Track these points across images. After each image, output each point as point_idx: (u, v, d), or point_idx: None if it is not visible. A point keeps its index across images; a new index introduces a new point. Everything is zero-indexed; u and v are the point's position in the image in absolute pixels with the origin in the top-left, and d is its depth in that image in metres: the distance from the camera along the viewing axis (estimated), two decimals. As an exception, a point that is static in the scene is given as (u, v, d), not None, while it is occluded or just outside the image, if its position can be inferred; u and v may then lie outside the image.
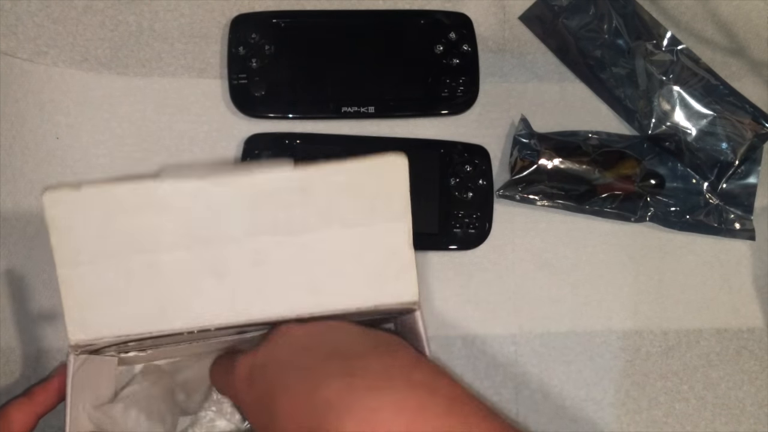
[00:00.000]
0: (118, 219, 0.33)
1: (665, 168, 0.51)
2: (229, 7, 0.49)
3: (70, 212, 0.33)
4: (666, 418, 0.49)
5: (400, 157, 0.34)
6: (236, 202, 0.34)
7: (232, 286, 0.34)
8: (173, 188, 0.33)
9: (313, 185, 0.34)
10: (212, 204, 0.33)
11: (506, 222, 0.49)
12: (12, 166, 0.45)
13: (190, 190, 0.33)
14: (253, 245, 0.34)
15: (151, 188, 0.33)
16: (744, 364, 0.50)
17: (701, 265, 0.50)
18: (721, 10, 0.53)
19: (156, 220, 0.33)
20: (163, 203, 0.33)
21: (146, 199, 0.33)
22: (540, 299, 0.49)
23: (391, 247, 0.35)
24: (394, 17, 0.50)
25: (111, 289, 0.34)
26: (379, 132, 0.49)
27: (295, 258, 0.34)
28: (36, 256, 0.45)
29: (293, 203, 0.34)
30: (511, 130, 0.50)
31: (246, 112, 0.48)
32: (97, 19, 0.47)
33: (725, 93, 0.50)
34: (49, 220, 0.33)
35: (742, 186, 0.51)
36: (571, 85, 0.51)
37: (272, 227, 0.34)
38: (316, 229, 0.34)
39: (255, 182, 0.34)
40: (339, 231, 0.34)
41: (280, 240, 0.34)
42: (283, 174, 0.34)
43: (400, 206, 0.34)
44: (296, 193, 0.34)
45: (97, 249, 0.33)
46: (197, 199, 0.33)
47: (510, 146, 0.49)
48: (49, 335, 0.44)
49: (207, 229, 0.34)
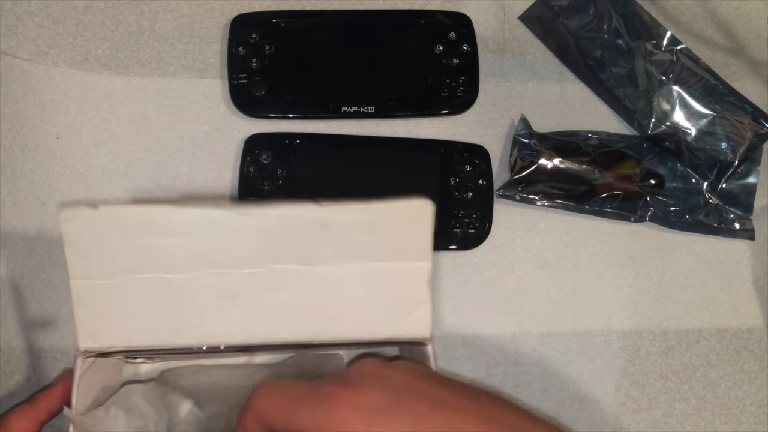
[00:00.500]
0: (133, 239, 0.33)
1: (665, 168, 0.51)
2: (229, 7, 0.49)
3: (85, 229, 0.33)
4: (666, 418, 0.49)
5: (425, 202, 0.34)
6: (256, 232, 0.34)
7: (246, 308, 0.34)
8: (193, 215, 0.33)
9: (335, 222, 0.34)
10: (231, 232, 0.33)
11: (506, 222, 0.49)
12: (12, 166, 0.45)
13: (210, 218, 0.33)
14: (270, 272, 0.34)
15: (170, 213, 0.33)
16: (744, 363, 0.50)
17: (701, 264, 0.50)
18: (721, 10, 0.53)
19: (172, 243, 0.33)
20: (182, 228, 0.33)
21: (164, 223, 0.33)
22: (540, 299, 0.49)
23: (410, 284, 0.35)
24: (394, 17, 0.50)
25: (123, 302, 0.34)
26: (379, 132, 0.49)
27: (311, 286, 0.34)
28: (36, 256, 0.45)
29: (314, 237, 0.34)
30: (511, 130, 0.50)
31: (246, 112, 0.48)
32: (97, 19, 0.48)
33: (725, 93, 0.50)
34: (64, 233, 0.33)
35: (742, 186, 0.51)
36: (571, 85, 0.51)
37: (291, 257, 0.34)
38: (335, 261, 0.34)
39: (277, 214, 0.34)
40: (358, 265, 0.34)
41: (298, 269, 0.34)
42: (306, 209, 0.34)
43: (422, 247, 0.35)
44: (318, 228, 0.34)
45: (111, 265, 0.34)
46: (216, 226, 0.33)
47: (510, 146, 0.50)
48: (50, 335, 0.44)
49: (224, 254, 0.34)
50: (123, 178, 0.46)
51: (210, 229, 0.33)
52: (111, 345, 0.34)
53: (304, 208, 0.33)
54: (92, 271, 0.33)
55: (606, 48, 0.50)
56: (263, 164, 0.46)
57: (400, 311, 0.35)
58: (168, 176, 0.47)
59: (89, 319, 0.34)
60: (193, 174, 0.47)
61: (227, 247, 0.34)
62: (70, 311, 0.43)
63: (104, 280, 0.34)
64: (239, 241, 0.34)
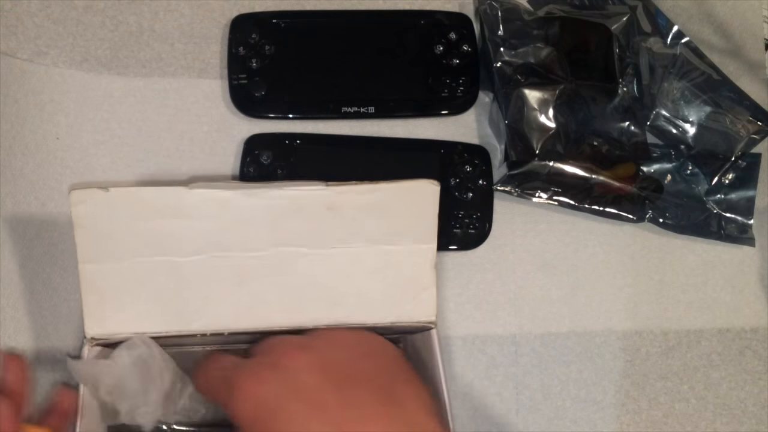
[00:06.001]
0: (142, 222, 0.33)
1: (665, 170, 0.51)
2: (229, 7, 0.49)
3: (95, 211, 0.33)
4: (666, 418, 0.48)
5: (432, 183, 0.34)
6: (264, 214, 0.34)
7: (252, 293, 0.34)
8: (201, 197, 0.33)
9: (342, 203, 0.34)
10: (239, 214, 0.34)
11: (506, 222, 0.49)
12: (12, 167, 0.45)
13: (219, 199, 0.33)
14: (276, 255, 0.34)
15: (178, 195, 0.33)
16: (747, 364, 0.49)
17: (702, 264, 0.50)
18: (717, 11, 0.53)
19: (181, 226, 0.34)
20: (190, 210, 0.33)
21: (173, 205, 0.33)
22: (540, 299, 0.49)
23: (415, 267, 0.35)
24: (394, 17, 0.50)
25: (130, 288, 0.34)
26: (379, 132, 0.49)
27: (317, 270, 0.35)
28: (36, 256, 0.44)
29: (321, 218, 0.34)
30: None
31: (246, 113, 0.48)
32: (97, 19, 0.48)
33: (725, 88, 0.50)
34: (74, 216, 0.33)
35: (742, 192, 0.51)
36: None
37: (298, 239, 0.34)
38: (342, 243, 0.35)
39: (284, 195, 0.34)
40: (364, 247, 0.35)
41: (305, 252, 0.34)
42: (314, 190, 0.34)
43: (427, 229, 0.35)
44: (325, 210, 0.34)
45: (119, 248, 0.34)
46: (224, 208, 0.34)
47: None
48: (50, 335, 0.44)
49: (232, 237, 0.34)
50: (123, 179, 0.46)
51: (218, 211, 0.33)
52: (118, 332, 0.34)
53: (312, 188, 0.34)
54: (101, 255, 0.34)
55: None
56: (263, 164, 0.46)
57: (406, 294, 0.35)
58: (168, 176, 0.47)
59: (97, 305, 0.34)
60: (193, 174, 0.47)
61: (235, 230, 0.34)
62: (70, 311, 0.44)
63: (113, 264, 0.34)
64: (247, 223, 0.34)
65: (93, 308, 0.34)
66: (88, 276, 0.34)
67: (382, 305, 0.35)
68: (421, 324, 0.36)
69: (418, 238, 0.35)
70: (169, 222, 0.33)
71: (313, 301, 0.35)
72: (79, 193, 0.33)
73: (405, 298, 0.35)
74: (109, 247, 0.34)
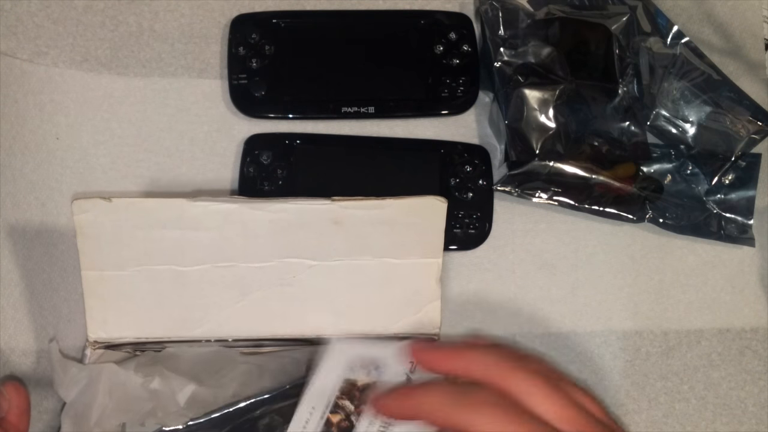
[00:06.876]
0: (145, 232, 0.33)
1: (665, 170, 0.51)
2: (229, 7, 0.49)
3: (99, 220, 0.33)
4: (666, 418, 0.48)
5: (439, 200, 0.34)
6: (268, 227, 0.34)
7: (256, 302, 0.35)
8: (206, 209, 0.33)
9: (348, 218, 0.34)
10: (243, 226, 0.34)
11: (506, 222, 0.49)
12: (12, 167, 0.45)
13: (223, 211, 0.33)
14: (280, 266, 0.34)
15: (183, 206, 0.33)
16: (747, 364, 0.49)
17: (702, 264, 0.50)
18: (717, 11, 0.53)
19: (184, 236, 0.34)
20: (194, 222, 0.33)
21: (176, 217, 0.33)
22: (540, 299, 0.49)
23: (420, 280, 0.35)
24: (394, 17, 0.50)
25: (133, 294, 0.34)
26: (379, 132, 0.49)
27: (321, 281, 0.35)
28: (36, 256, 0.44)
29: (326, 232, 0.34)
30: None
31: (246, 113, 0.48)
32: (97, 19, 0.48)
33: (725, 88, 0.50)
34: (77, 225, 0.33)
35: (742, 192, 0.51)
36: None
37: (302, 251, 0.34)
38: (347, 256, 0.35)
39: (289, 209, 0.34)
40: (369, 260, 0.35)
41: (309, 263, 0.34)
42: (320, 205, 0.34)
43: (434, 245, 0.35)
44: (331, 224, 0.34)
45: (122, 257, 0.34)
46: (228, 221, 0.34)
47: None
48: (49, 336, 0.44)
49: (235, 248, 0.34)
50: (123, 179, 0.46)
51: (222, 223, 0.34)
52: (120, 336, 0.34)
53: (318, 204, 0.34)
54: (104, 263, 0.34)
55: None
56: (263, 165, 0.46)
57: (410, 307, 0.35)
58: (168, 176, 0.47)
59: (99, 310, 0.34)
60: (193, 174, 0.47)
61: (239, 241, 0.34)
62: (70, 312, 0.44)
63: (115, 272, 0.34)
64: (251, 235, 0.34)
65: (95, 312, 0.34)
66: (91, 282, 0.34)
67: (386, 316, 0.35)
68: (425, 335, 0.36)
69: (424, 253, 0.35)
70: (172, 233, 0.34)
71: (316, 310, 0.35)
72: (81, 203, 0.33)
73: (409, 310, 0.35)
74: (112, 256, 0.34)
